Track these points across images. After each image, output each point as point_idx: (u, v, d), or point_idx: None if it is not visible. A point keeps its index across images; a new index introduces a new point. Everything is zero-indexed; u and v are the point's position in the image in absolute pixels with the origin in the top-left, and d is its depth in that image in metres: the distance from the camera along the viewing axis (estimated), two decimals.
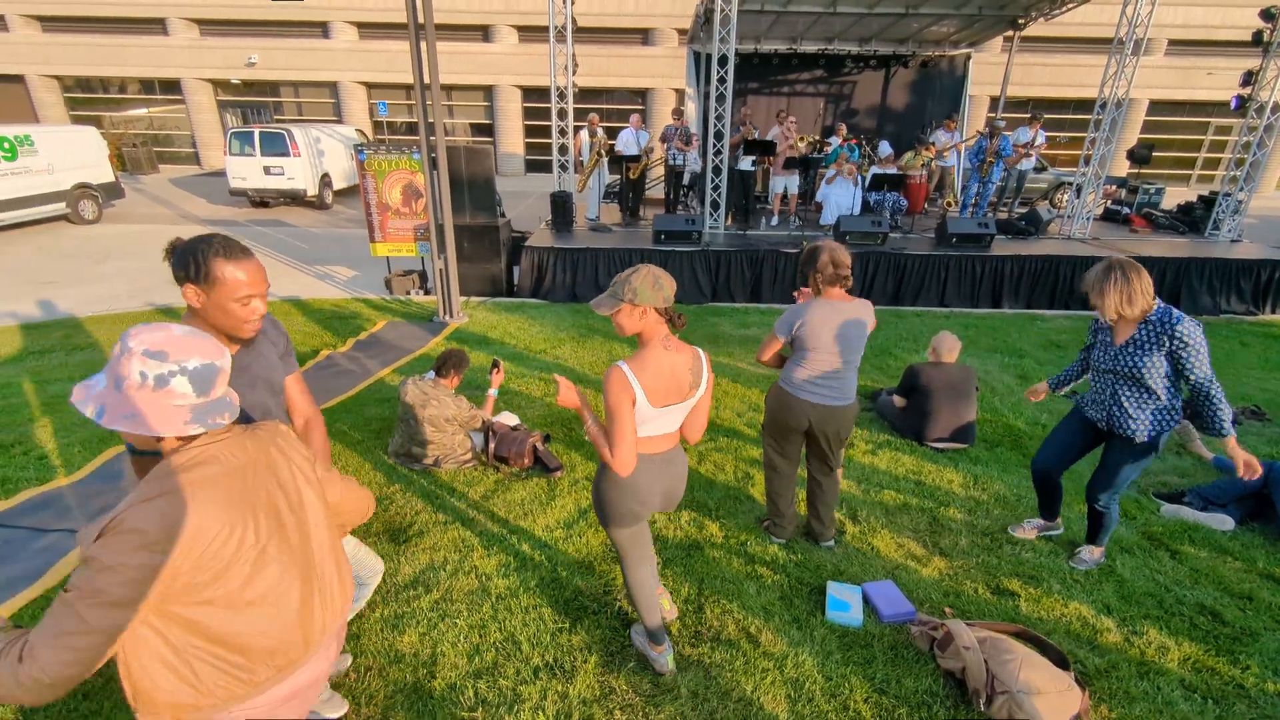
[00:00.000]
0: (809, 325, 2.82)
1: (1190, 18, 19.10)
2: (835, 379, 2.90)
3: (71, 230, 11.40)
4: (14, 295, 7.49)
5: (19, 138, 10.85)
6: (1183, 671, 2.53)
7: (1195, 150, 21.43)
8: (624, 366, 1.99)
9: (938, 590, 2.96)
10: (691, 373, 2.09)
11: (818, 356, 2.86)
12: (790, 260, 7.83)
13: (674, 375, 2.03)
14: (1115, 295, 2.62)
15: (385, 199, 7.42)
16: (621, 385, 1.97)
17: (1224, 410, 2.59)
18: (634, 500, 2.16)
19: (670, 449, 2.20)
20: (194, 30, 20.11)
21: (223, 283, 1.58)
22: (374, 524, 3.35)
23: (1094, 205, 9.09)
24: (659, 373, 2.01)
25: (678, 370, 2.04)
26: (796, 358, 2.93)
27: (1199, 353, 2.55)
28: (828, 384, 2.90)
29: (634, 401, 1.98)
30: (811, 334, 2.82)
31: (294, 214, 13.70)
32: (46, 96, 20.54)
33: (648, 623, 2.42)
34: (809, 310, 2.83)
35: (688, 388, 2.08)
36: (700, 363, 2.13)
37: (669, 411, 2.07)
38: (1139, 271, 2.62)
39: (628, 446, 2.01)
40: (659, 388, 2.01)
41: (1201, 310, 7.79)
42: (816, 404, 2.91)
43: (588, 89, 11.68)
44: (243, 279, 1.60)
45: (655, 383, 2.00)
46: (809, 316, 2.82)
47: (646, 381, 1.99)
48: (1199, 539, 3.37)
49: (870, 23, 10.65)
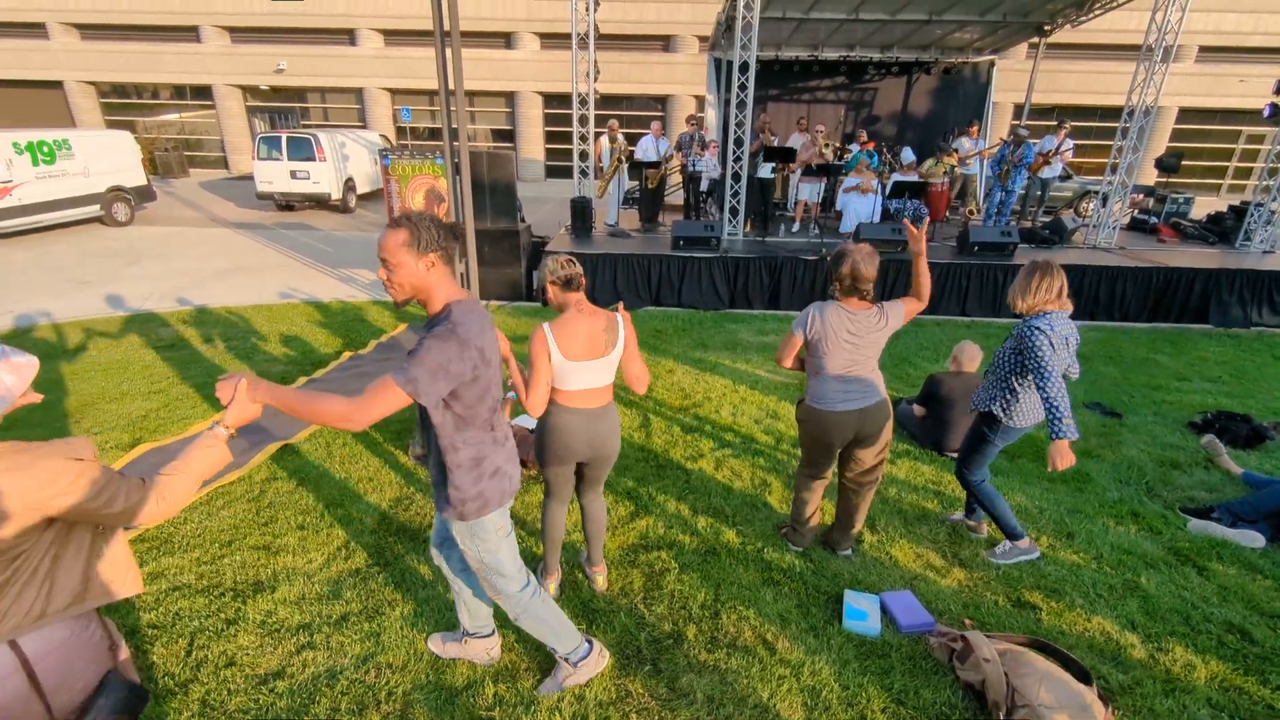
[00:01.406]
0: (825, 326, 2.78)
1: (1222, 24, 18.75)
2: (860, 384, 2.87)
3: (105, 232, 11.72)
4: (53, 294, 7.72)
5: (57, 142, 11.19)
6: (1210, 690, 2.48)
7: (1226, 159, 20.99)
8: (545, 327, 2.43)
9: (957, 601, 2.93)
10: (606, 333, 2.46)
11: (835, 361, 2.82)
12: (809, 267, 7.80)
13: (589, 335, 2.43)
14: (1013, 288, 2.93)
15: (408, 203, 7.54)
16: (540, 341, 2.41)
17: (1058, 412, 2.68)
18: (558, 445, 2.55)
19: (598, 406, 2.54)
20: (225, 37, 20.61)
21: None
22: (394, 523, 3.40)
23: (1120, 214, 8.95)
24: (574, 333, 2.42)
25: (592, 331, 2.44)
26: (814, 367, 2.89)
27: (1031, 354, 2.77)
28: (852, 388, 2.86)
29: (549, 356, 2.40)
30: (829, 337, 2.79)
31: (318, 217, 13.96)
32: (83, 102, 21.17)
33: (546, 555, 2.87)
34: (825, 312, 2.79)
35: (604, 346, 2.46)
36: (617, 325, 2.50)
37: (588, 366, 2.45)
38: (1042, 272, 2.84)
39: (539, 392, 2.44)
40: (574, 346, 2.41)
41: (1232, 323, 7.62)
42: (851, 410, 2.85)
43: (608, 95, 11.78)
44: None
45: (570, 342, 2.41)
46: (825, 318, 2.78)
47: (562, 340, 2.40)
48: (1228, 556, 3.29)
49: (893, 29, 10.60)
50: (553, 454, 2.58)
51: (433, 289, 1.87)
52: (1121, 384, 5.69)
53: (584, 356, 2.43)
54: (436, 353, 1.77)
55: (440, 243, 1.84)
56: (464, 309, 1.87)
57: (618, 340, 2.50)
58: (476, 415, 1.97)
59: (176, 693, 2.35)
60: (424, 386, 1.76)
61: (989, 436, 3.06)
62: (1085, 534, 3.45)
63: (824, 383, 2.86)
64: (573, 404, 2.51)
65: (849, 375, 2.85)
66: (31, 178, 10.68)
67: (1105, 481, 4.02)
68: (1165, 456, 4.35)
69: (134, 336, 6.27)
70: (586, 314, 2.46)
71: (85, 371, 5.39)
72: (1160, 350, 6.68)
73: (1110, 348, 6.70)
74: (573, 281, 2.45)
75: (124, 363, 5.61)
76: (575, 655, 2.37)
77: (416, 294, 1.88)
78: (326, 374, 5.46)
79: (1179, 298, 7.79)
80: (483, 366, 1.90)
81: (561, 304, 2.48)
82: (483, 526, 2.08)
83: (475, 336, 1.85)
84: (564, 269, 2.45)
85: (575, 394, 2.50)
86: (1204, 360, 6.42)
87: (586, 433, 2.54)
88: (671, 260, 7.79)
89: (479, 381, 1.91)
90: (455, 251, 1.93)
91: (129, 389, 5.06)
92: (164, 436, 4.30)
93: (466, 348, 1.81)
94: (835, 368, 2.84)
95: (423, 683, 2.43)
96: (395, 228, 1.82)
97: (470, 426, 1.97)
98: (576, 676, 2.40)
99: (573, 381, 2.47)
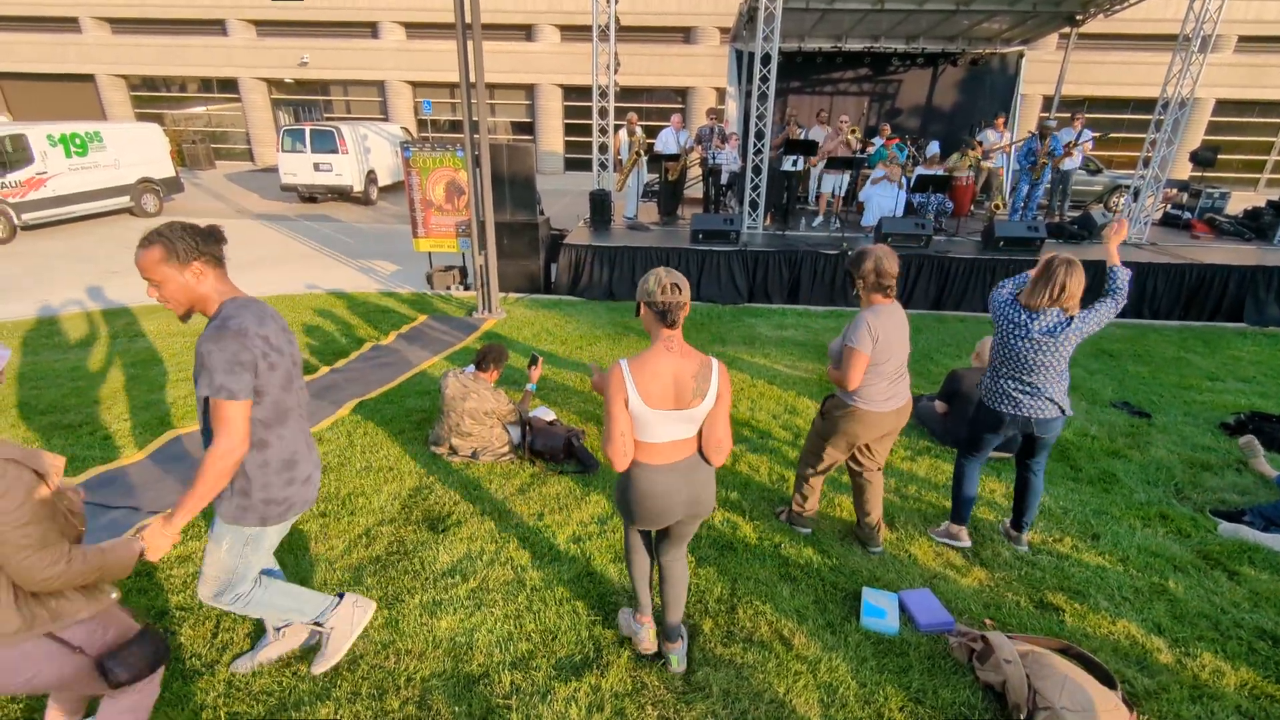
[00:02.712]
0: (884, 335, 2.75)
1: (1264, 13, 18.11)
2: (902, 381, 2.92)
3: (134, 222, 11.97)
4: (84, 283, 7.91)
5: (90, 134, 11.44)
6: (1239, 697, 2.42)
7: (1264, 153, 20.30)
8: (623, 363, 2.03)
9: (977, 601, 2.89)
10: (696, 380, 2.02)
11: (890, 365, 2.82)
12: (829, 261, 7.72)
13: (675, 380, 2.01)
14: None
15: (429, 195, 7.58)
16: (616, 382, 2.01)
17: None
18: (652, 510, 2.14)
19: (683, 459, 2.11)
20: (251, 31, 20.87)
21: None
22: (414, 512, 3.44)
23: (1152, 209, 8.71)
24: (655, 374, 2.00)
25: (680, 376, 2.01)
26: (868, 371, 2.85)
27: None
28: (897, 388, 2.90)
29: (626, 400, 2.00)
30: (885, 344, 2.77)
31: (341, 209, 14.11)
32: (114, 95, 21.59)
33: (637, 592, 2.49)
34: (877, 320, 2.75)
35: (691, 395, 2.02)
36: (710, 373, 2.05)
37: (670, 417, 2.03)
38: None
39: (618, 443, 2.03)
40: (654, 390, 1.99)
41: (1268, 321, 7.39)
42: (893, 410, 2.91)
43: (629, 88, 11.72)
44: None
45: (651, 384, 1.99)
46: (881, 326, 2.75)
47: (642, 382, 1.99)
48: (1260, 560, 3.21)
49: (919, 20, 10.39)
50: (643, 519, 2.19)
51: (207, 296, 1.87)
52: (1151, 383, 5.56)
53: (666, 405, 2.01)
54: (218, 353, 1.77)
55: (201, 249, 1.82)
56: (236, 305, 1.88)
57: (709, 391, 2.04)
58: (286, 409, 1.95)
59: (203, 673, 2.41)
60: (234, 385, 1.77)
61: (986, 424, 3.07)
62: (1111, 535, 3.38)
63: (874, 384, 2.84)
64: (662, 460, 2.08)
65: (898, 375, 2.88)
66: (64, 169, 10.94)
67: (1133, 483, 3.94)
68: (1195, 458, 4.24)
69: (163, 326, 6.40)
70: (676, 354, 2.03)
71: (116, 360, 5.52)
72: (1192, 349, 6.51)
73: (1140, 346, 6.54)
74: (669, 314, 2.00)
75: (152, 351, 5.73)
76: (324, 613, 2.33)
77: (193, 304, 1.88)
78: (349, 363, 5.53)
79: (1213, 295, 7.58)
80: (275, 355, 1.89)
81: (652, 333, 2.07)
82: (268, 536, 2.04)
83: (254, 326, 1.84)
84: (665, 295, 1.98)
85: (662, 448, 2.07)
86: (1238, 360, 6.25)
87: (684, 492, 2.13)
88: (690, 254, 7.76)
89: (279, 369, 1.90)
90: (221, 253, 1.90)
91: (157, 376, 5.17)
92: (191, 424, 4.39)
93: (245, 335, 1.81)
94: (890, 371, 2.84)
95: (440, 670, 2.46)
96: (148, 246, 1.79)
97: (278, 424, 1.94)
98: (339, 631, 2.36)
99: (655, 433, 2.05)
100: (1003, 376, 2.93)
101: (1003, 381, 2.93)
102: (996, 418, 2.98)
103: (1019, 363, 2.85)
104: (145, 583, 2.85)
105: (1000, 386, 2.94)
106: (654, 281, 1.99)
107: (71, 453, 3.95)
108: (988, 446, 3.13)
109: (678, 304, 2.00)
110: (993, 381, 2.98)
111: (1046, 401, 2.87)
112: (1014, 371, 2.88)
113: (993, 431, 3.04)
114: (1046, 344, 2.77)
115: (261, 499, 1.95)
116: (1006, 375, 2.91)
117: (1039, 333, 2.77)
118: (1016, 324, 2.82)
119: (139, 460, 3.91)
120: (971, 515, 3.53)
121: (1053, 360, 2.79)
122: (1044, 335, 2.76)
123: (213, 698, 2.31)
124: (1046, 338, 2.76)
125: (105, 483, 3.64)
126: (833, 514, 3.53)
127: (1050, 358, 2.79)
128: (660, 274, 2.01)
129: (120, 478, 3.71)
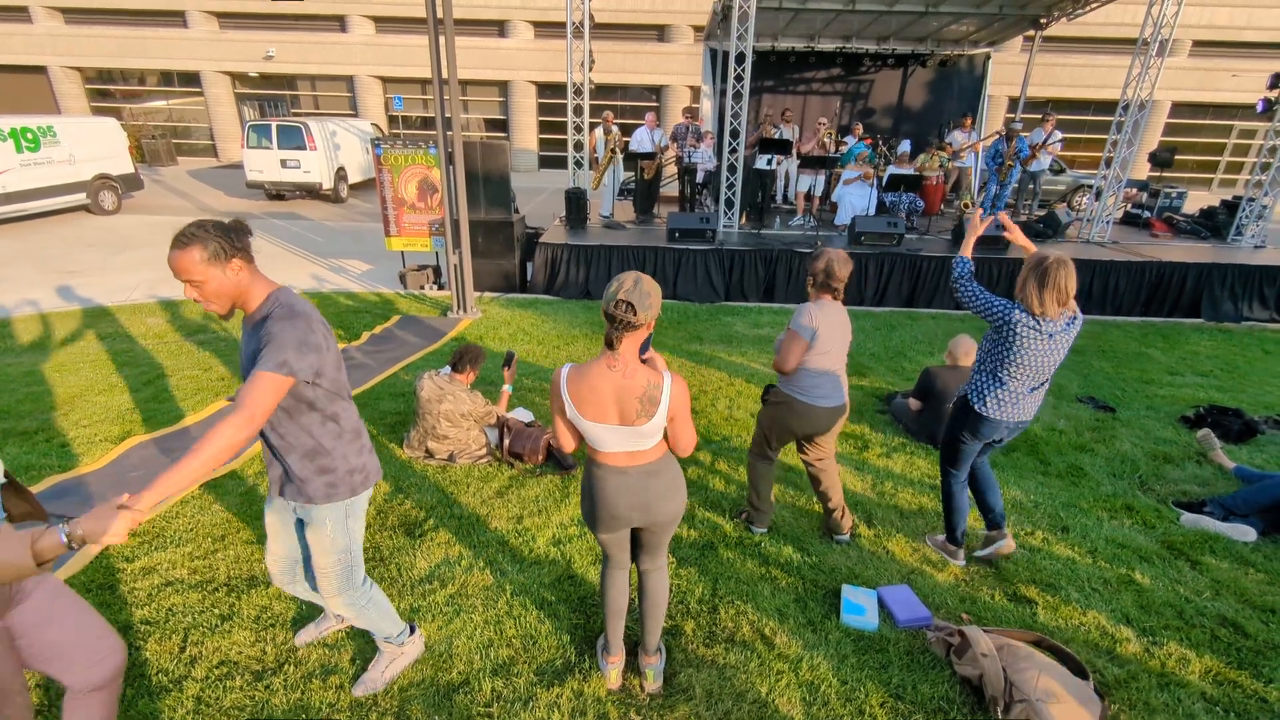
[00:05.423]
0: (823, 326, 2.84)
1: (1216, 18, 18.76)
2: (839, 381, 2.99)
3: (91, 220, 11.53)
4: (38, 283, 7.59)
5: (42, 128, 10.98)
6: (1204, 684, 2.50)
7: (1218, 154, 21.07)
8: (563, 371, 1.99)
9: (954, 596, 2.94)
10: (641, 401, 1.89)
11: (827, 358, 2.90)
12: (804, 260, 7.79)
13: (616, 398, 1.90)
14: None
15: (401, 193, 7.45)
16: (554, 389, 2.02)
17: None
18: (603, 511, 2.08)
19: (635, 466, 2.02)
20: (213, 23, 20.26)
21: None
22: (389, 518, 3.38)
23: (1114, 208, 8.97)
24: (593, 388, 1.91)
25: (622, 394, 1.89)
26: (804, 363, 2.92)
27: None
28: (835, 385, 2.97)
29: (563, 409, 2.00)
30: (826, 335, 2.86)
31: (309, 207, 13.80)
32: (68, 88, 20.78)
33: (607, 630, 2.39)
34: (820, 311, 2.85)
35: (635, 415, 1.90)
36: (660, 394, 1.90)
37: (614, 431, 1.95)
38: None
39: (561, 440, 2.10)
40: (592, 403, 1.92)
41: (1224, 317, 7.67)
42: (828, 408, 2.98)
43: (603, 85, 11.66)
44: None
45: (588, 396, 1.92)
46: (823, 317, 2.85)
47: (577, 394, 1.94)
48: (1220, 550, 3.32)
49: (889, 21, 10.54)
50: (597, 520, 2.12)
51: (248, 290, 1.85)
52: (1114, 378, 5.72)
53: (607, 420, 1.93)
54: (290, 331, 1.78)
55: (236, 245, 1.81)
56: (289, 293, 1.91)
57: (657, 413, 1.92)
58: (343, 385, 2.01)
59: (171, 689, 2.32)
60: (297, 364, 1.78)
61: (965, 427, 2.97)
62: (1080, 528, 3.47)
63: (811, 376, 2.92)
64: (615, 463, 2.03)
65: (833, 371, 2.95)
66: (16, 165, 10.49)
67: (1099, 475, 4.05)
68: (1158, 450, 4.38)
69: (122, 327, 6.18)
70: (619, 373, 1.90)
71: (73, 363, 5.31)
72: (1152, 344, 6.72)
73: (1103, 341, 6.73)
74: (619, 323, 1.83)
75: (112, 354, 5.53)
76: (402, 636, 2.42)
77: (236, 301, 1.86)
78: None
79: (1171, 292, 7.84)
80: (331, 338, 1.94)
81: (607, 340, 1.91)
82: (361, 505, 2.11)
83: (315, 312, 1.90)
84: (613, 309, 1.83)
85: (614, 454, 2.02)
86: (1196, 354, 6.47)
87: (634, 498, 2.05)
88: (667, 252, 7.75)
89: (333, 351, 1.94)
90: (250, 247, 1.88)
91: (118, 381, 4.99)
92: (153, 429, 4.24)
93: (311, 319, 1.85)
94: (827, 364, 2.91)
95: (419, 679, 2.41)
96: (184, 247, 1.76)
97: (341, 397, 2.00)
98: (403, 660, 2.45)
99: (602, 443, 2.00)
100: (1021, 385, 2.79)
101: (1017, 389, 2.80)
102: (995, 426, 2.88)
103: (1038, 370, 2.74)
104: (108, 596, 2.74)
105: (1011, 395, 2.81)
106: (614, 288, 1.83)
107: (27, 461, 3.78)
108: (974, 455, 3.07)
109: (623, 322, 1.82)
110: (1001, 390, 2.83)
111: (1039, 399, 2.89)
112: (1032, 380, 2.77)
113: (988, 439, 2.96)
114: (1062, 344, 2.70)
115: (345, 470, 2.02)
116: (1025, 383, 2.78)
117: (1058, 334, 2.66)
118: (1039, 332, 2.65)
119: (99, 468, 3.76)
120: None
121: (1059, 359, 2.75)
122: (1061, 334, 2.67)
123: (180, 714, 2.24)
124: (1063, 336, 2.68)
125: (62, 492, 3.50)
126: (813, 510, 3.55)
127: (1059, 356, 2.73)
128: (625, 282, 1.83)
129: (78, 487, 3.56)
